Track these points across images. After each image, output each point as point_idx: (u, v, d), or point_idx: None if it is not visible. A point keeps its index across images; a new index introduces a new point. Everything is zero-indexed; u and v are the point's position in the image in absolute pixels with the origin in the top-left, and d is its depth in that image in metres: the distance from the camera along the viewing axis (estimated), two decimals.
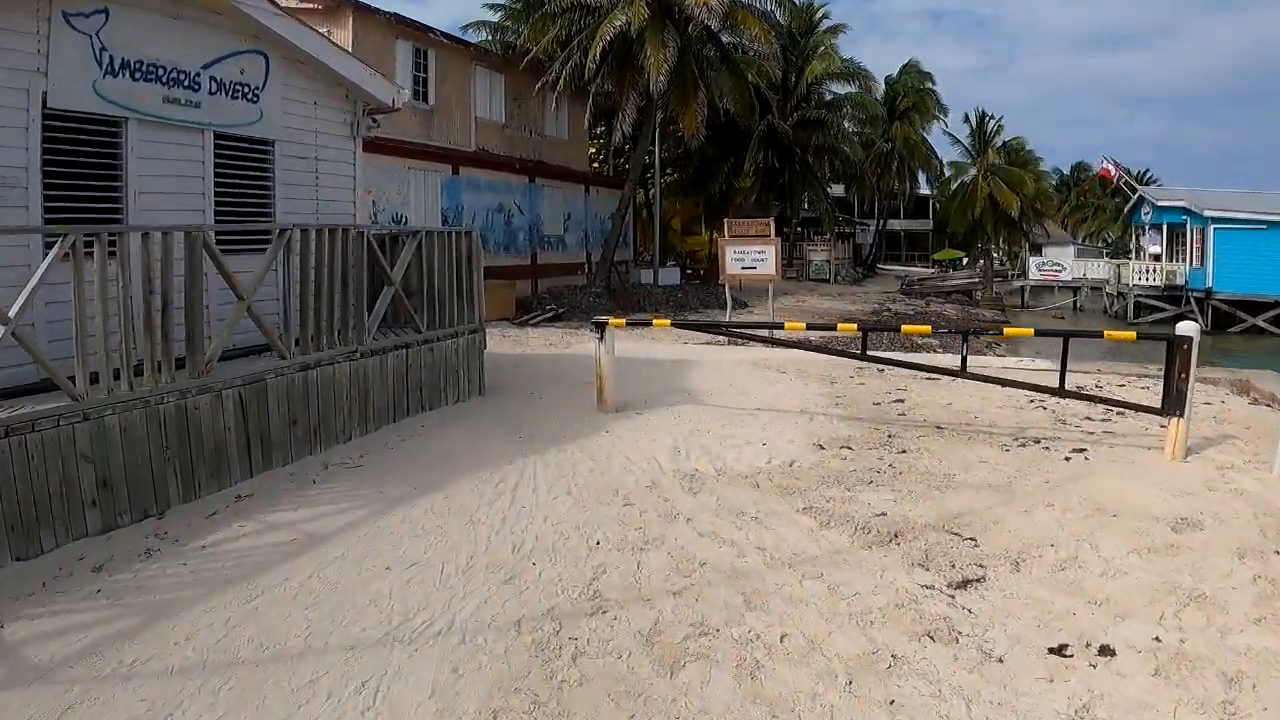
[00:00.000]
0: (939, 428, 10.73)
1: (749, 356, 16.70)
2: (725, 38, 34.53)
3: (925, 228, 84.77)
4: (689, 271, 43.40)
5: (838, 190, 63.19)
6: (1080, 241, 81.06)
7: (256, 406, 8.36)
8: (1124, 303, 45.12)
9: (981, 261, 56.49)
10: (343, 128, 12.57)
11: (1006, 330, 13.24)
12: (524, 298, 29.17)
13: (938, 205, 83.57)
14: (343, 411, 9.73)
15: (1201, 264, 42.06)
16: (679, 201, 52.63)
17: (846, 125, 42.58)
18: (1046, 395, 10.98)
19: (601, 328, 11.45)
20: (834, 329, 15.42)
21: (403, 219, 25.41)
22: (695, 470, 8.73)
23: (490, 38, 34.50)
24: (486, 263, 27.02)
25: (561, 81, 28.73)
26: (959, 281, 54.27)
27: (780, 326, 12.61)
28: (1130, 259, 48.00)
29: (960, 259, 79.67)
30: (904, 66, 60.14)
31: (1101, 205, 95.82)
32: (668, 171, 43.15)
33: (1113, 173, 52.31)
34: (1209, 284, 41.14)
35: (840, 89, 46.73)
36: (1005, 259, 71.18)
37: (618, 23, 27.73)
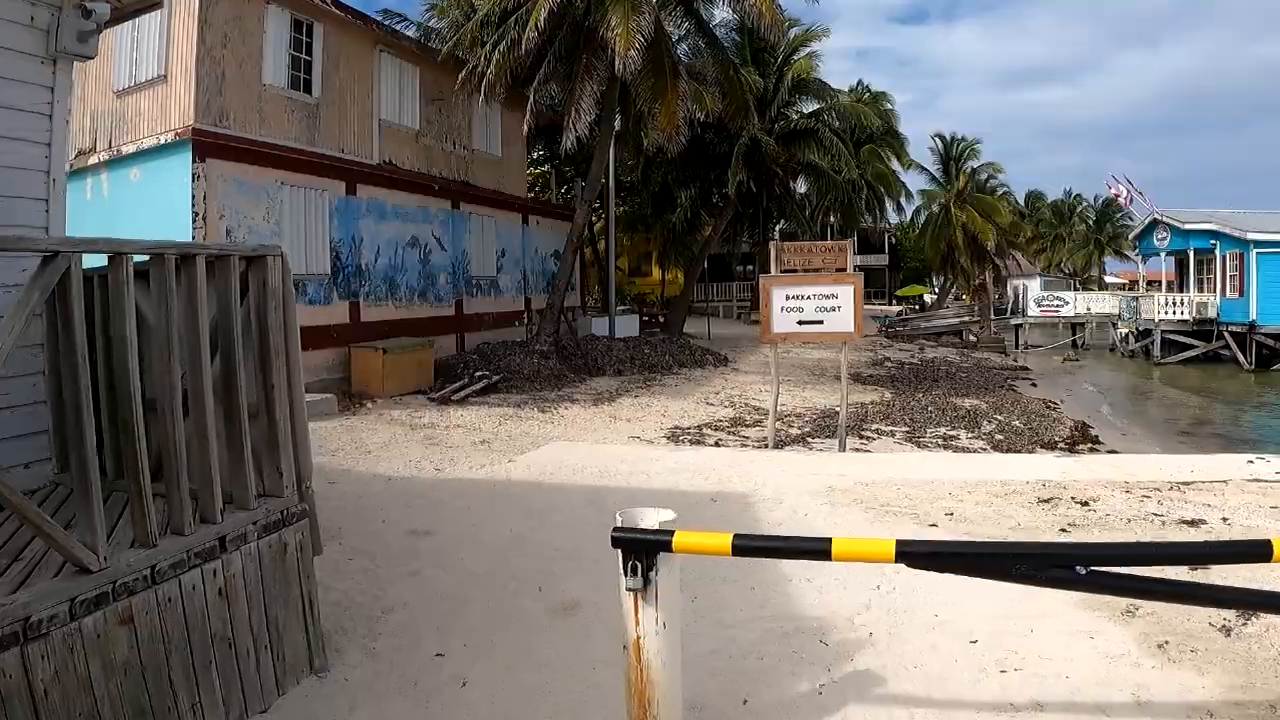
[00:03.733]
0: None
1: (841, 487, 9.61)
2: (716, 11, 28.08)
3: (881, 263, 78.33)
4: (646, 319, 36.37)
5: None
6: (1042, 272, 76.36)
7: None
8: (1144, 340, 40.69)
9: (975, 298, 50.89)
10: (25, 36, 5.52)
11: None
12: (446, 359, 22.03)
13: (894, 239, 78.39)
14: None
15: (1240, 294, 37.18)
16: (625, 237, 45.80)
17: (832, 139, 35.54)
18: None
19: (643, 555, 3.78)
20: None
21: None
22: None
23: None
24: (398, 313, 20.11)
25: (493, 68, 21.40)
26: (949, 321, 48.64)
27: None
28: (1134, 291, 43.41)
29: (922, 296, 74.57)
30: (853, 89, 53.76)
31: (1060, 235, 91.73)
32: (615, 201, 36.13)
33: (1124, 193, 46.96)
34: (1252, 316, 36.19)
35: (805, 108, 40.10)
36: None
37: None
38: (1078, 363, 39.58)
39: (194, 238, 16.16)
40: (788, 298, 12.10)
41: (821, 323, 12.00)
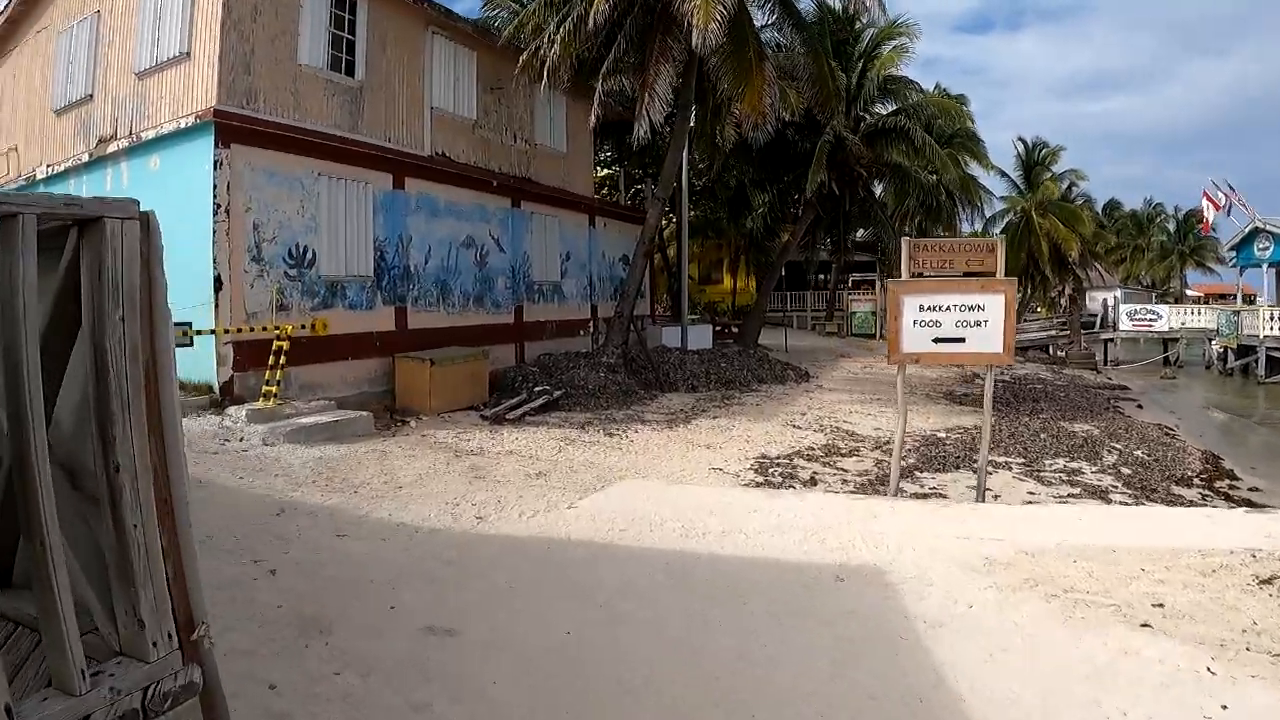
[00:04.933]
0: None
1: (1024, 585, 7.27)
2: None
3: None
4: (718, 329, 33.98)
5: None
6: (1121, 284, 73.06)
7: None
8: (1246, 357, 37.70)
9: (1066, 311, 47.96)
10: None
11: None
12: (503, 371, 19.91)
13: None
14: None
15: None
16: (696, 243, 43.41)
17: (925, 139, 32.66)
18: None
19: None
20: None
21: (306, 253, 16.02)
22: None
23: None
24: (449, 320, 17.72)
25: (558, 47, 19.23)
26: (1036, 335, 45.76)
27: None
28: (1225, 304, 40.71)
29: None
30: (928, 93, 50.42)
31: (1139, 245, 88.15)
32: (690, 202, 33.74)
33: (1223, 200, 43.92)
34: None
35: (883, 108, 37.34)
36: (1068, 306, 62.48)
37: None
38: (1174, 381, 36.66)
39: (215, 232, 14.24)
40: (922, 309, 9.61)
41: (963, 340, 9.51)
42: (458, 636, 5.43)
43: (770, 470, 12.58)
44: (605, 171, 39.14)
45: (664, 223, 33.80)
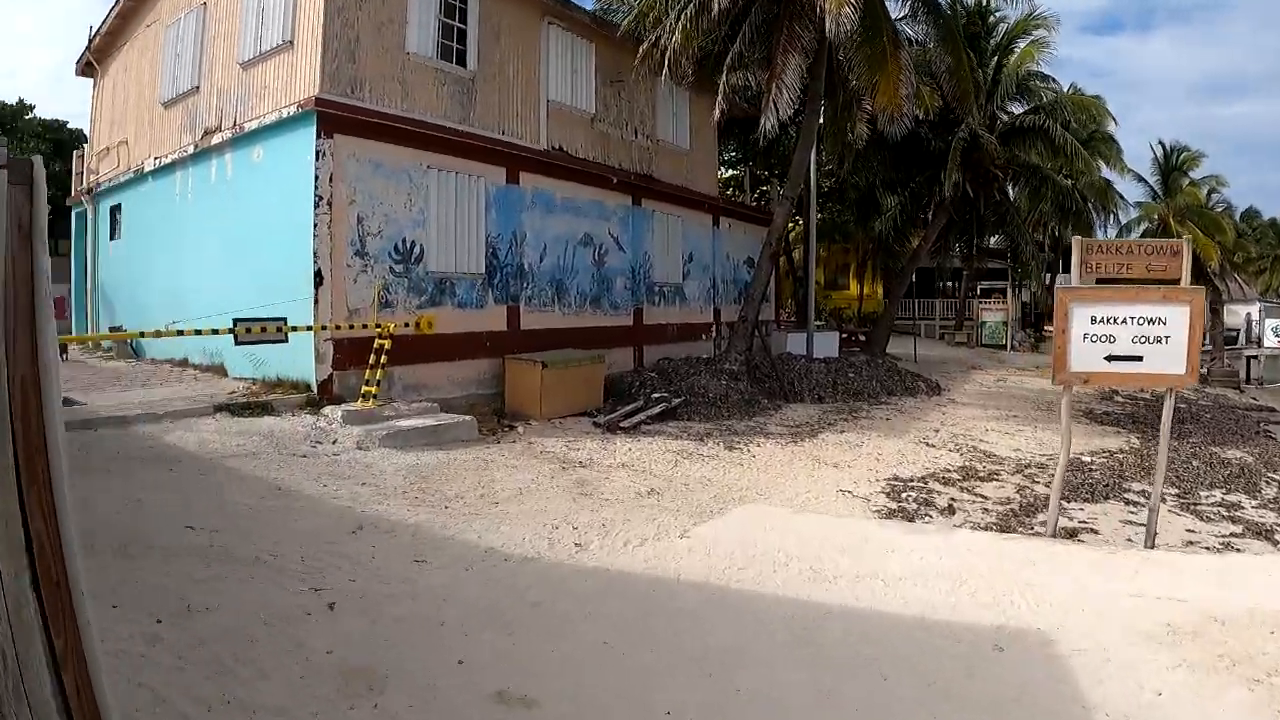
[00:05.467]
0: None
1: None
2: None
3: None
4: (844, 336, 32.50)
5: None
6: (1261, 297, 68.92)
7: None
8: None
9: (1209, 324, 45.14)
10: None
11: None
12: (620, 376, 18.97)
13: None
14: None
15: None
16: (821, 247, 41.84)
17: (1066, 139, 30.66)
18: None
19: None
20: None
21: (413, 248, 15.28)
22: None
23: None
24: (565, 321, 17.56)
25: (679, 35, 18.22)
26: None
27: None
28: None
29: None
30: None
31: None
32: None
33: None
34: None
35: (1016, 106, 35.35)
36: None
37: None
38: None
39: (316, 225, 13.57)
40: (1094, 320, 8.19)
41: (1140, 359, 8.10)
42: (534, 710, 4.38)
43: (904, 495, 11.30)
44: (730, 173, 38.03)
45: (789, 225, 32.46)
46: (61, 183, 26.97)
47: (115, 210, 21.03)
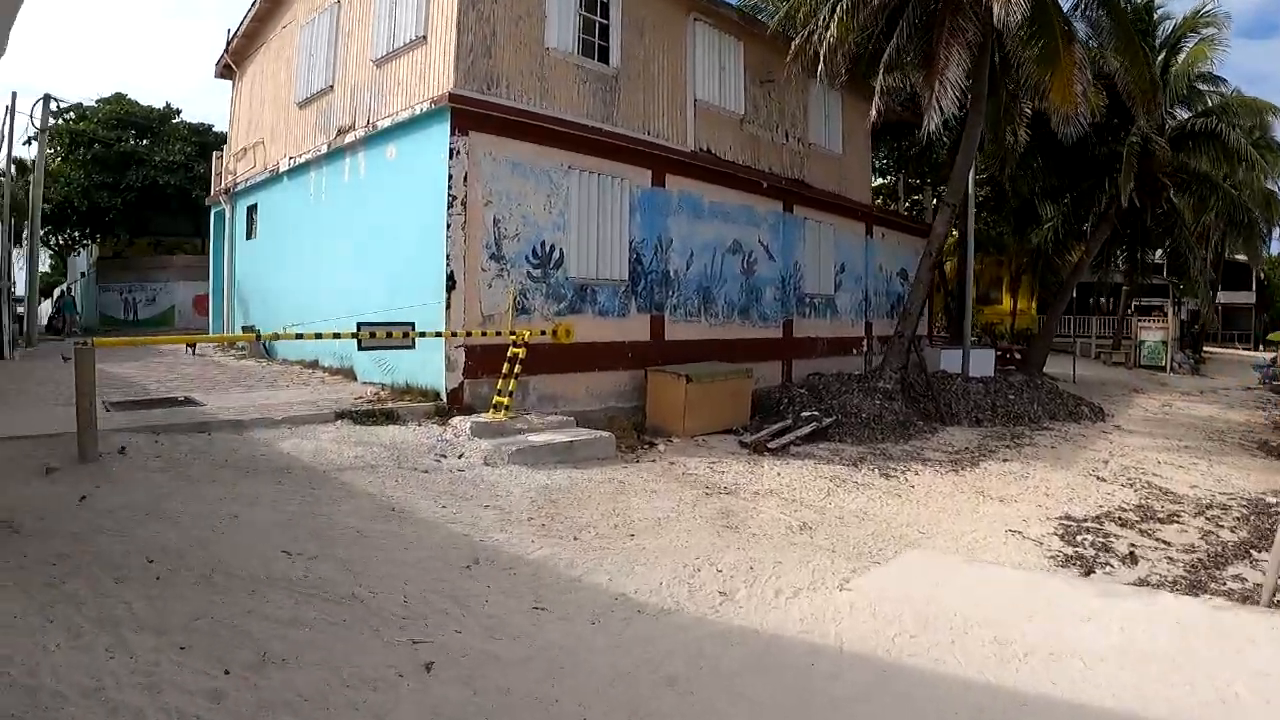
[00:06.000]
0: None
1: None
2: None
3: (1247, 302, 66.54)
4: (999, 354, 30.60)
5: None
6: None
7: None
8: None
9: None
10: None
11: None
12: (767, 391, 17.90)
13: (1263, 274, 64.93)
14: None
15: None
16: (975, 259, 39.73)
17: (1243, 145, 28.14)
18: None
19: None
20: None
21: (552, 252, 14.47)
22: None
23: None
24: (710, 332, 16.89)
25: (834, 29, 17.12)
26: None
27: None
28: None
29: None
30: None
31: None
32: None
33: None
34: None
35: (1181, 111, 32.65)
36: None
37: None
38: None
39: (449, 226, 12.86)
40: None
41: None
42: None
43: (1079, 538, 9.87)
44: (879, 181, 36.55)
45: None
46: (207, 183, 27.25)
47: (251, 210, 21.08)
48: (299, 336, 12.00)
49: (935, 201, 25.01)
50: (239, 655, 4.72)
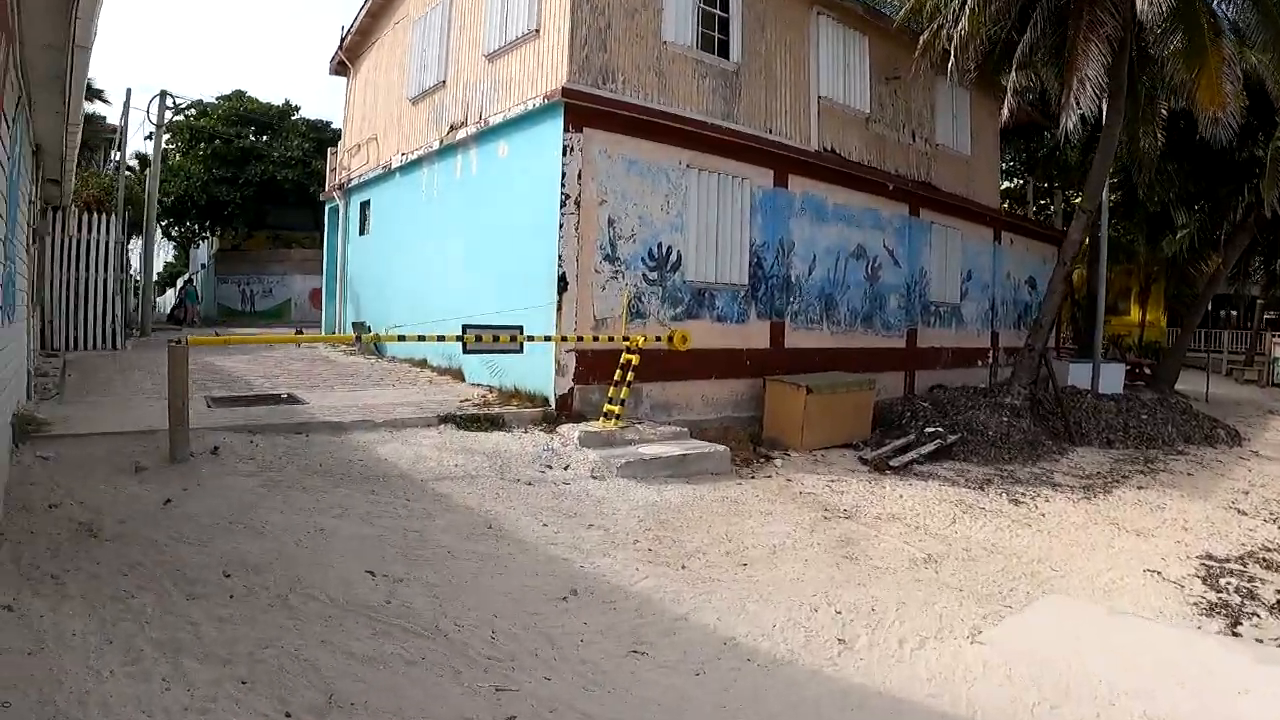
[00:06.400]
0: None
1: None
2: None
3: None
4: (1128, 368, 28.91)
5: None
6: None
7: None
8: None
9: None
10: None
11: None
12: (888, 403, 16.99)
13: None
14: None
15: None
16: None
17: None
18: None
19: None
20: None
21: (669, 254, 13.92)
22: None
23: None
24: (832, 341, 17.15)
25: (965, 21, 16.25)
26: None
27: None
28: None
29: None
30: None
31: None
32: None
33: None
34: None
35: None
36: None
37: None
38: None
39: (562, 226, 12.42)
40: None
41: None
42: None
43: (1222, 581, 8.91)
44: (1005, 185, 35.23)
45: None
46: (323, 179, 27.52)
47: (365, 206, 21.07)
48: (401, 339, 11.67)
49: (1064, 206, 23.77)
50: (303, 695, 4.29)
